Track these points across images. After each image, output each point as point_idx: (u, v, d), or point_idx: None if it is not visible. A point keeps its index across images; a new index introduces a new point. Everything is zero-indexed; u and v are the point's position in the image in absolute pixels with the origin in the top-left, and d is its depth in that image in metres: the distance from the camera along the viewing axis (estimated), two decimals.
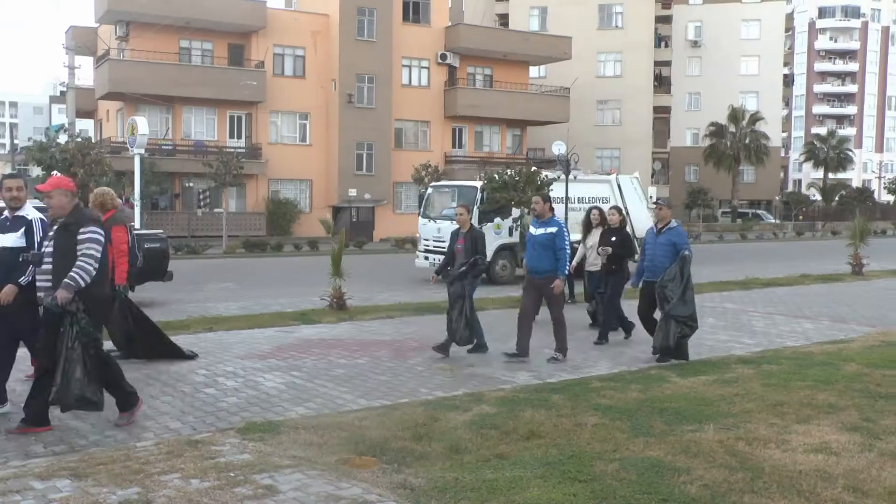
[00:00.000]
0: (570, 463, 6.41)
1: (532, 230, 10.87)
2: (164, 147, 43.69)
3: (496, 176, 21.00)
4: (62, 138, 34.03)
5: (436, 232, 22.26)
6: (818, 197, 73.53)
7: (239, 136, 46.83)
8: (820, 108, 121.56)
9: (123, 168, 36.80)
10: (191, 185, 44.32)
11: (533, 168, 24.06)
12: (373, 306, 16.09)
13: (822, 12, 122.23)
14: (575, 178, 24.53)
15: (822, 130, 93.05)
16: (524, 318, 10.84)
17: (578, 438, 7.12)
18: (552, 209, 10.94)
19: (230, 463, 6.34)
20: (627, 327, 12.76)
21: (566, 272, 10.75)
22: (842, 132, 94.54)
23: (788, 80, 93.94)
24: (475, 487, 5.86)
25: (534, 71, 58.26)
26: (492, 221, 21.60)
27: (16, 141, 76.37)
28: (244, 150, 44.73)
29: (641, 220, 22.52)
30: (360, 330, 13.36)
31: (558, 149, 27.49)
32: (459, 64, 51.79)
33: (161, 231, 17.53)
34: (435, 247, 22.04)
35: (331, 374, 9.86)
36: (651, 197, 25.78)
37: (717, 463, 6.45)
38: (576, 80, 55.67)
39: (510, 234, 22.00)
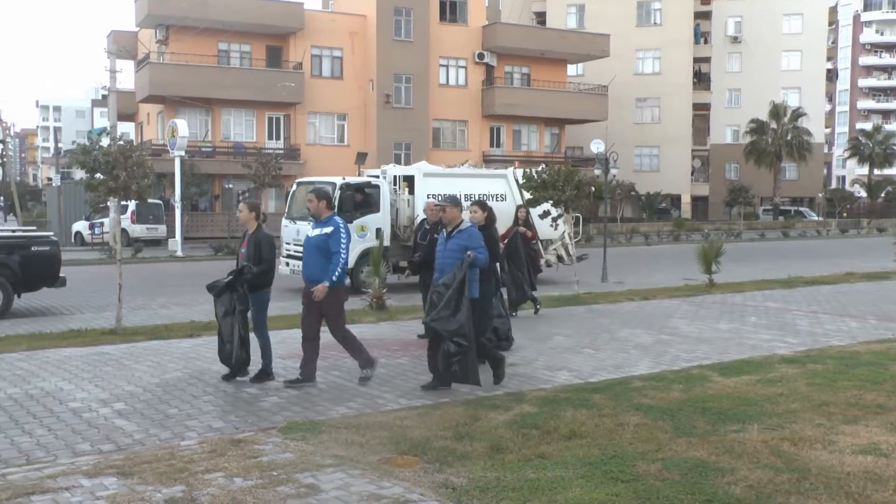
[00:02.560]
0: (613, 463, 6.37)
1: (308, 231, 9.45)
2: (203, 149, 44.11)
3: (534, 174, 20.80)
4: (104, 141, 34.31)
5: (295, 234, 19.39)
6: (863, 193, 72.60)
7: (277, 138, 47.15)
8: (865, 103, 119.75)
9: (164, 170, 37.23)
10: (230, 186, 44.69)
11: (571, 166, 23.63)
12: (412, 306, 16.08)
13: (868, 5, 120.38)
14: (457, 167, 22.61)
15: (868, 126, 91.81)
16: (310, 336, 9.35)
17: (620, 438, 7.07)
18: (332, 207, 9.53)
19: (273, 462, 6.38)
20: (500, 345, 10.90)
21: (343, 281, 9.19)
22: (888, 127, 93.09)
23: (832, 75, 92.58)
24: (517, 487, 5.84)
25: (572, 69, 58.04)
26: (350, 223, 19.14)
27: (60, 144, 77.56)
28: (283, 152, 45.02)
29: (545, 220, 20.47)
30: (400, 329, 13.40)
31: (597, 147, 27.42)
32: (497, 63, 51.73)
33: (51, 233, 16.84)
34: (296, 251, 18.83)
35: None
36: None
37: (762, 463, 6.36)
38: (614, 78, 55.36)
39: (377, 236, 19.00)
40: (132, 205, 35.68)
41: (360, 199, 19.23)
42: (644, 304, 16.81)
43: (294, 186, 21.51)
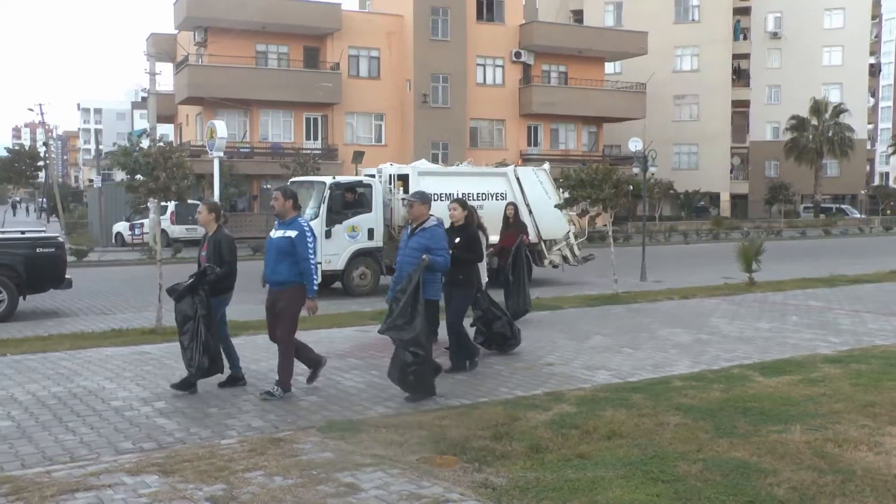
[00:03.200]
0: (653, 463, 6.33)
1: (272, 233, 9.03)
2: (242, 150, 44.41)
3: (572, 172, 20.65)
4: (144, 143, 34.77)
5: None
6: None
7: (315, 138, 47.38)
8: None
9: (203, 171, 37.51)
10: (268, 186, 44.95)
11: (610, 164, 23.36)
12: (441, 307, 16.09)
13: None
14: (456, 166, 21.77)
15: None
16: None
17: (660, 438, 7.02)
18: (298, 208, 9.08)
19: (312, 461, 6.41)
20: (471, 353, 10.33)
21: (314, 289, 8.75)
22: None
23: (875, 70, 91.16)
24: (557, 487, 5.81)
25: (609, 67, 57.72)
26: (340, 223, 18.49)
27: (100, 146, 78.58)
28: (321, 152, 45.23)
29: (549, 220, 20.84)
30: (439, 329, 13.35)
31: (635, 145, 27.24)
32: (534, 62, 51.58)
33: (57, 235, 16.74)
34: None
35: None
36: (563, 192, 22.14)
37: (805, 465, 6.28)
38: (652, 76, 54.99)
39: (370, 237, 18.77)
40: (171, 206, 36.04)
41: (352, 199, 18.87)
42: (683, 303, 16.69)
43: (288, 185, 20.98)
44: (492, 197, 19.83)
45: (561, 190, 21.48)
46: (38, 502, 5.54)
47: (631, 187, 39.69)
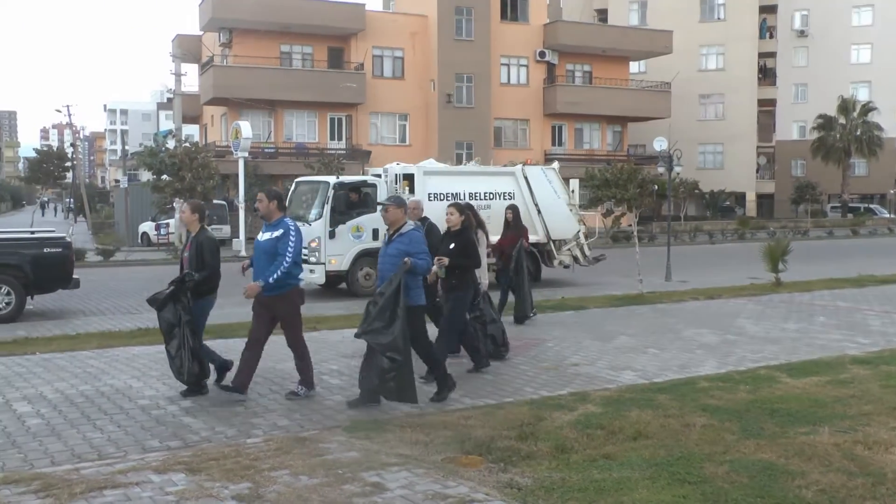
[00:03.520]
0: (679, 464, 6.29)
1: (259, 235, 8.83)
2: (266, 150, 44.61)
3: (597, 172, 20.58)
4: (170, 143, 35.16)
5: None
6: None
7: (339, 138, 47.51)
8: None
9: (228, 171, 37.78)
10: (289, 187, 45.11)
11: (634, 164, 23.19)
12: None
13: None
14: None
15: None
16: (252, 344, 8.69)
17: (686, 439, 6.99)
18: (284, 208, 8.81)
19: (338, 460, 6.42)
20: (476, 358, 10.11)
21: (293, 284, 8.62)
22: None
23: None
24: (582, 488, 5.79)
25: (634, 66, 57.53)
26: (344, 223, 18.27)
27: (126, 147, 79.20)
28: (345, 152, 45.36)
29: (558, 220, 20.60)
30: None
31: (660, 145, 27.01)
32: (558, 61, 51.50)
33: (64, 235, 16.71)
34: None
35: None
36: (573, 191, 21.76)
37: (834, 467, 6.22)
38: (677, 75, 54.72)
39: (374, 237, 18.10)
40: None
41: (356, 199, 18.68)
42: (709, 303, 16.59)
43: (293, 186, 20.82)
44: (499, 196, 19.60)
45: (571, 190, 21.48)
46: (67, 499, 5.59)
47: (656, 187, 39.48)
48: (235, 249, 34.09)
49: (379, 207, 9.03)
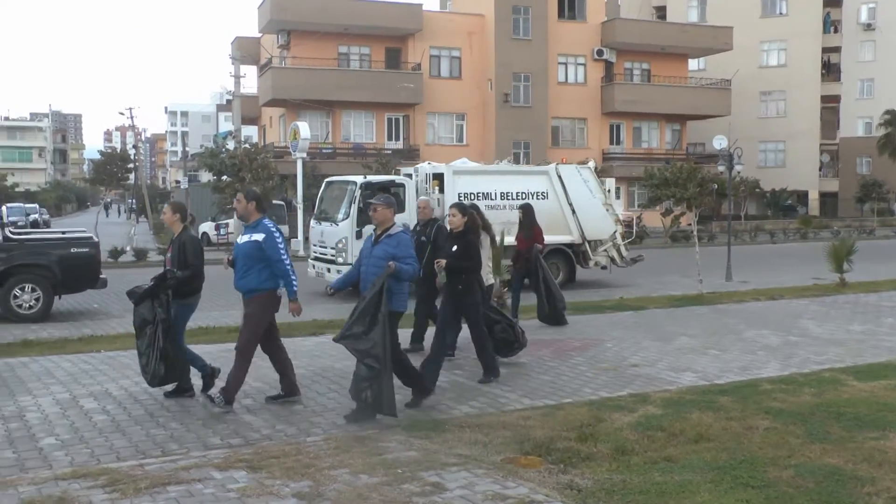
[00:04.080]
0: (742, 468, 6.20)
1: (238, 238, 8.54)
2: (324, 150, 44.97)
3: (656, 171, 20.30)
4: (230, 144, 35.62)
5: (319, 236, 19.02)
6: None
7: (397, 138, 47.70)
8: None
9: (286, 171, 38.14)
10: None
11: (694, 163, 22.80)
12: (532, 305, 16.01)
13: None
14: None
15: None
16: (270, 353, 8.65)
17: (749, 442, 6.88)
18: (263, 210, 8.51)
19: (397, 459, 6.44)
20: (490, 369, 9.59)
21: (278, 287, 8.29)
22: None
23: None
24: (643, 490, 5.74)
25: (693, 63, 56.85)
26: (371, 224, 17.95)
27: (187, 148, 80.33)
28: (402, 152, 45.53)
29: (594, 220, 20.05)
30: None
31: (719, 143, 26.62)
32: (616, 59, 51.12)
33: (92, 235, 16.76)
34: (321, 254, 18.85)
35: None
36: (609, 191, 21.20)
37: None
38: (737, 72, 53.96)
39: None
40: None
41: None
42: (771, 304, 16.32)
43: (323, 185, 20.49)
44: (532, 196, 19.07)
45: (607, 189, 21.10)
46: (132, 494, 5.69)
47: (716, 186, 38.92)
48: (294, 249, 34.46)
49: (369, 208, 8.49)
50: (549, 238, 18.88)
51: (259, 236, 8.16)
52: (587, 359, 10.74)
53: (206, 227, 39.99)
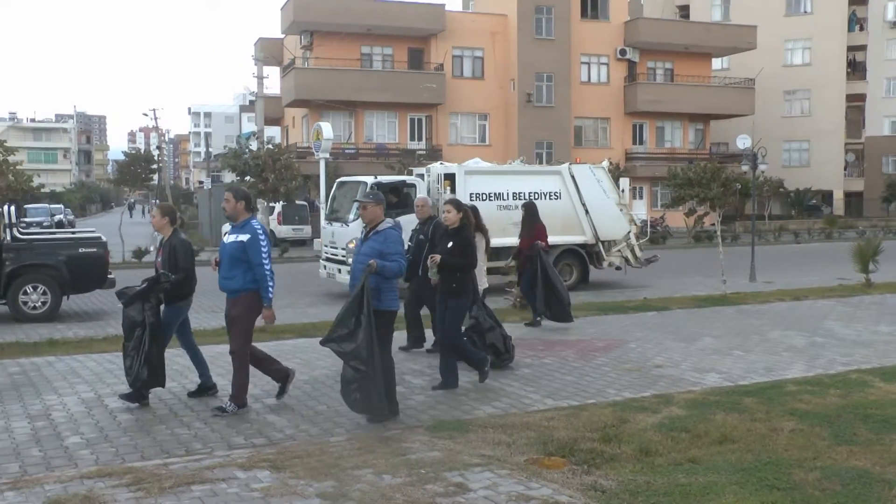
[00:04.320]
0: (767, 470, 6.16)
1: (224, 237, 8.42)
2: (347, 151, 45.04)
3: (679, 171, 20.19)
4: (253, 145, 35.76)
5: (330, 236, 18.85)
6: None
7: (419, 139, 47.72)
8: None
9: (309, 172, 38.22)
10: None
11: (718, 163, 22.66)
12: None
13: None
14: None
15: None
16: (252, 354, 8.45)
17: (774, 444, 6.83)
18: (252, 209, 8.39)
19: (421, 460, 6.44)
20: (479, 363, 9.41)
21: (269, 296, 8.06)
22: None
23: None
24: (668, 492, 5.70)
25: (716, 63, 56.53)
26: None
27: (210, 149, 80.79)
28: (425, 152, 45.50)
29: (607, 220, 19.95)
30: (544, 329, 13.30)
31: (743, 143, 26.44)
32: (639, 59, 50.90)
33: (100, 235, 16.74)
34: (332, 254, 18.64)
35: (517, 373, 9.87)
36: (623, 191, 21.16)
37: None
38: (761, 71, 53.61)
39: (411, 239, 17.86)
40: (278, 206, 36.80)
41: (395, 200, 17.90)
42: (795, 304, 16.20)
43: (335, 185, 20.30)
44: (545, 196, 19.03)
45: (621, 189, 20.97)
46: (157, 493, 5.72)
47: (739, 186, 38.67)
48: (316, 249, 34.54)
49: (357, 206, 8.34)
50: (562, 238, 19.07)
51: (245, 237, 8.04)
52: (611, 359, 10.70)
53: (229, 227, 40.14)
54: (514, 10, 46.93)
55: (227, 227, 8.62)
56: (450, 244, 9.04)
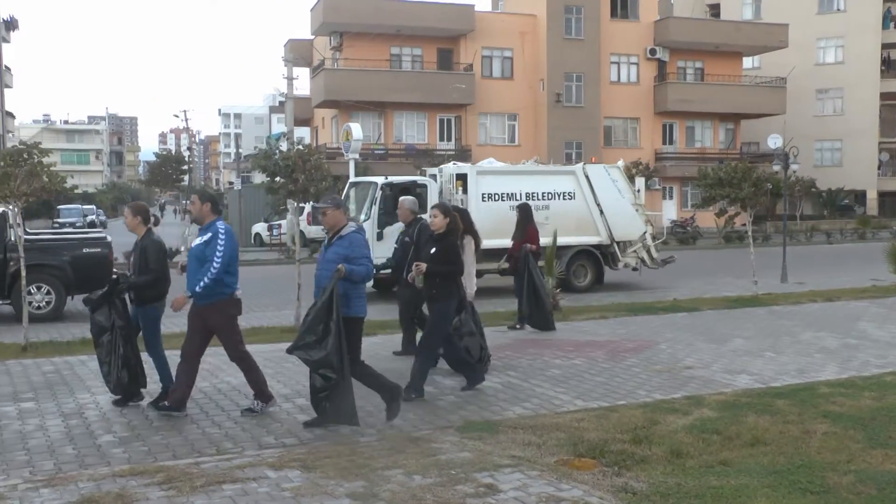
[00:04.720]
0: (800, 472, 6.10)
1: (192, 241, 8.29)
2: (376, 151, 45.16)
3: (710, 171, 20.04)
4: (283, 146, 35.86)
5: None
6: None
7: (449, 139, 47.76)
8: None
9: (339, 172, 38.31)
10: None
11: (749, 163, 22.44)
12: (585, 306, 15.95)
13: None
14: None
15: None
16: (187, 356, 8.13)
17: (807, 447, 6.76)
18: (218, 211, 8.16)
19: (451, 460, 6.44)
20: (467, 372, 9.26)
21: (227, 294, 8.02)
22: None
23: None
24: (699, 494, 5.66)
25: (747, 62, 56.10)
26: (392, 225, 16.73)
27: (240, 149, 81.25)
28: (454, 153, 45.53)
29: (622, 220, 19.73)
30: (574, 330, 13.26)
31: (774, 142, 26.27)
32: (669, 58, 50.69)
33: (105, 235, 16.72)
34: None
35: (546, 374, 9.85)
36: (638, 191, 20.93)
37: None
38: (793, 70, 53.15)
39: (397, 241, 16.73)
40: (308, 207, 36.91)
41: None
42: (828, 305, 16.04)
43: (347, 186, 20.10)
44: (559, 196, 19.02)
45: (637, 189, 20.79)
46: (188, 492, 5.76)
47: (770, 185, 38.33)
48: None
49: (318, 212, 7.95)
50: (576, 239, 19.05)
51: (207, 237, 7.89)
52: (641, 360, 10.65)
53: (259, 227, 40.37)
54: (544, 10, 46.86)
55: (192, 228, 8.59)
56: (433, 250, 8.82)
